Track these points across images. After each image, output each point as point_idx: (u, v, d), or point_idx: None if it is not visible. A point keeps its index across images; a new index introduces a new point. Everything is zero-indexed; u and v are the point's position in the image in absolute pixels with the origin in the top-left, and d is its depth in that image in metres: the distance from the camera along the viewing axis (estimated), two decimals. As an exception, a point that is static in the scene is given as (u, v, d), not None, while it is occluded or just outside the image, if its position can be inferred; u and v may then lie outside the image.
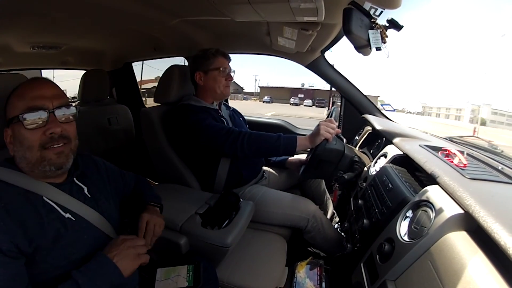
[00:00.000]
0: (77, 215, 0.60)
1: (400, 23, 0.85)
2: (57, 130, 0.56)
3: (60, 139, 0.57)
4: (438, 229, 0.53)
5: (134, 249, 0.60)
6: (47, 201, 0.57)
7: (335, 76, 1.55)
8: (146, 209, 0.74)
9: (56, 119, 0.57)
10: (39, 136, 0.55)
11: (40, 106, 0.56)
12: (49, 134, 0.56)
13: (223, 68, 1.17)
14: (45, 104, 0.56)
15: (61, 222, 0.56)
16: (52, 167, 0.57)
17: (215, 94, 1.20)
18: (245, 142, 1.01)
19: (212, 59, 1.16)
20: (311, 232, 1.11)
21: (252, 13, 0.90)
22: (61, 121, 0.58)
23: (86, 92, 1.79)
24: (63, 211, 0.58)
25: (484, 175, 0.69)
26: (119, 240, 0.61)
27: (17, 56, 1.52)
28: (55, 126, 0.56)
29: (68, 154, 0.59)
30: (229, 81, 1.20)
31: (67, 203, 0.59)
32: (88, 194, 0.65)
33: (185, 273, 0.70)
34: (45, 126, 0.56)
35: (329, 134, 1.00)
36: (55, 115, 0.57)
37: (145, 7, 1.05)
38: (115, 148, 1.84)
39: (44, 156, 0.56)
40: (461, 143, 1.13)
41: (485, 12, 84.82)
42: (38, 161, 0.56)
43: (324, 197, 1.46)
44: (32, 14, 1.06)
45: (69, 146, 0.59)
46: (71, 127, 0.60)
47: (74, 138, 0.61)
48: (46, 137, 0.56)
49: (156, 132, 1.18)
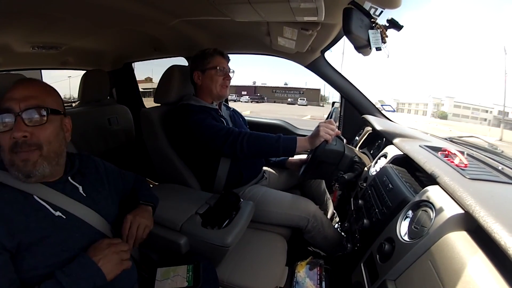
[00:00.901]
0: (68, 213, 0.59)
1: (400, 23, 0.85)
2: (18, 134, 0.52)
3: (24, 145, 0.53)
4: (438, 229, 0.53)
5: (118, 254, 0.59)
6: (37, 200, 0.56)
7: (335, 76, 1.55)
8: (134, 209, 0.73)
9: (22, 122, 0.53)
10: (7, 140, 0.53)
11: (7, 109, 0.53)
12: (12, 138, 0.53)
13: (220, 67, 1.17)
14: (12, 106, 0.53)
15: (50, 220, 0.56)
16: (20, 174, 0.54)
17: (212, 94, 1.19)
18: (244, 143, 1.01)
19: (210, 58, 1.16)
20: (311, 232, 1.11)
21: (252, 13, 0.90)
22: (29, 125, 0.54)
23: (86, 92, 1.79)
24: (53, 209, 0.57)
25: (484, 175, 0.69)
26: (104, 244, 0.59)
27: (17, 56, 1.52)
28: (17, 130, 0.53)
29: (37, 161, 0.55)
30: (227, 80, 1.20)
31: (59, 201, 0.58)
32: (83, 193, 0.64)
33: (185, 273, 0.70)
34: (11, 130, 0.53)
35: (328, 135, 1.00)
36: (22, 119, 0.53)
37: (145, 7, 1.05)
38: (115, 148, 1.84)
39: (13, 160, 0.53)
40: (461, 143, 1.13)
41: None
42: (9, 164, 0.54)
43: (324, 197, 1.46)
44: (32, 14, 1.06)
45: (38, 152, 0.55)
46: (43, 131, 0.56)
47: (48, 143, 0.57)
48: (11, 141, 0.53)
49: (156, 132, 1.18)
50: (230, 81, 1.21)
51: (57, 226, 0.56)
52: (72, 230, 0.58)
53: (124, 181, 0.80)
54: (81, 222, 0.60)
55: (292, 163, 1.38)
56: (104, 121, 1.80)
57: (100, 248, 0.58)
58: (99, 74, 1.84)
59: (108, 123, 1.82)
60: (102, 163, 0.76)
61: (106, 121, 1.81)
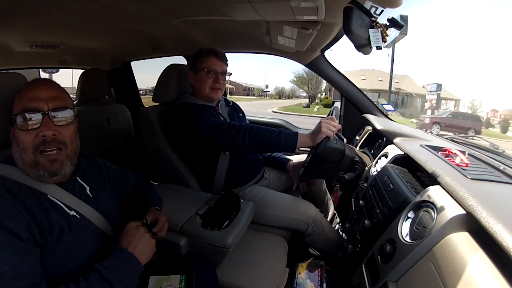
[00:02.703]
0: (80, 213, 0.60)
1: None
2: (49, 133, 0.55)
3: (53, 143, 0.56)
4: (440, 230, 0.53)
5: (148, 234, 0.63)
6: (51, 199, 0.57)
7: (335, 75, 1.55)
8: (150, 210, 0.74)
9: (50, 121, 0.55)
10: (32, 139, 0.54)
11: (35, 108, 0.55)
12: (41, 136, 0.55)
13: (209, 69, 1.13)
14: (40, 105, 0.55)
15: (66, 219, 0.57)
16: (45, 173, 0.56)
17: (202, 95, 1.16)
18: (246, 136, 0.99)
19: (203, 59, 1.13)
20: (312, 235, 1.11)
21: (252, 12, 0.90)
22: (56, 124, 0.56)
23: (84, 91, 1.78)
24: (68, 208, 0.58)
25: (486, 175, 0.69)
26: (131, 228, 0.62)
27: (15, 55, 1.51)
28: (47, 128, 0.55)
29: (63, 162, 0.58)
30: (217, 83, 1.14)
31: (71, 201, 0.59)
32: (89, 194, 0.65)
33: (178, 283, 0.69)
34: (38, 128, 0.55)
35: (330, 132, 0.98)
36: (50, 118, 0.56)
37: (145, 6, 1.04)
38: (114, 148, 1.83)
39: (38, 160, 0.55)
40: (462, 143, 1.13)
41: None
42: (32, 164, 0.55)
43: (325, 197, 1.46)
44: (30, 13, 1.05)
45: (64, 152, 0.58)
46: (67, 131, 0.59)
47: (71, 143, 0.59)
48: (38, 140, 0.55)
49: (155, 132, 1.17)
50: (222, 83, 1.17)
51: (72, 225, 0.57)
52: (85, 229, 0.60)
53: (124, 180, 0.80)
54: (90, 223, 0.62)
55: (293, 167, 1.35)
56: (102, 120, 1.78)
57: (131, 234, 0.61)
58: (98, 73, 1.83)
59: (107, 122, 1.81)
60: (103, 163, 0.76)
61: (105, 121, 1.80)
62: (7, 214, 0.49)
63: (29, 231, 0.50)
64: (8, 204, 0.50)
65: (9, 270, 0.46)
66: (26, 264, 0.48)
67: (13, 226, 0.48)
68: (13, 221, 0.48)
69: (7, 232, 0.47)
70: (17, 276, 0.47)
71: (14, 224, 0.48)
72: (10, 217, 0.49)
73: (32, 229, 0.50)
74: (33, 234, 0.50)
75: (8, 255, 0.47)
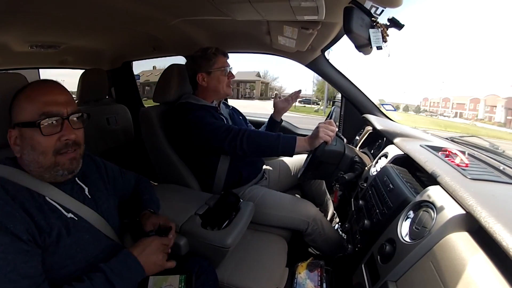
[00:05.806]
0: (78, 215, 0.60)
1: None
2: (72, 136, 0.58)
3: (74, 145, 0.59)
4: (440, 230, 0.53)
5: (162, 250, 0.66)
6: (49, 201, 0.57)
7: (335, 75, 1.54)
8: (145, 214, 0.74)
9: (70, 126, 0.58)
10: (53, 142, 0.56)
11: (56, 113, 0.56)
12: (64, 140, 0.57)
13: (225, 68, 1.17)
14: (61, 110, 0.57)
15: (63, 221, 0.57)
16: (65, 172, 0.58)
17: (219, 94, 1.19)
18: (244, 140, 1.00)
19: (214, 59, 1.15)
20: (312, 235, 1.11)
21: (252, 12, 0.90)
22: (74, 128, 0.59)
23: (84, 91, 1.78)
24: (65, 211, 0.58)
25: (486, 175, 0.69)
26: (149, 240, 0.65)
27: (15, 55, 1.51)
28: (70, 133, 0.57)
29: (79, 159, 0.61)
30: (231, 79, 1.20)
31: (68, 204, 0.59)
32: (88, 194, 0.65)
33: (177, 283, 0.69)
34: (59, 132, 0.57)
35: (328, 137, 0.98)
36: (70, 122, 0.58)
37: (146, 7, 1.04)
38: (114, 148, 1.83)
39: (58, 161, 0.57)
40: (462, 143, 1.13)
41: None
42: (51, 166, 0.57)
43: (325, 197, 1.46)
44: (31, 13, 1.05)
45: (79, 151, 0.61)
46: (81, 133, 0.62)
47: (82, 144, 0.63)
48: (61, 144, 0.57)
49: (155, 132, 1.17)
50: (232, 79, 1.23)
51: (70, 227, 0.57)
52: (83, 231, 0.60)
53: (124, 180, 0.80)
54: (88, 224, 0.62)
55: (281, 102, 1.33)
56: (102, 120, 1.78)
57: (148, 245, 0.64)
58: (98, 73, 1.83)
59: (107, 122, 1.81)
60: (102, 163, 0.76)
61: (105, 121, 1.80)
62: (7, 216, 0.49)
63: (30, 232, 0.50)
64: (8, 206, 0.50)
65: (12, 272, 0.46)
66: (28, 265, 0.49)
67: (14, 228, 0.48)
68: (13, 223, 0.49)
69: (8, 234, 0.48)
70: (20, 278, 0.47)
71: (15, 226, 0.48)
72: (10, 219, 0.49)
73: (32, 230, 0.51)
74: (33, 236, 0.50)
75: (10, 257, 0.47)
